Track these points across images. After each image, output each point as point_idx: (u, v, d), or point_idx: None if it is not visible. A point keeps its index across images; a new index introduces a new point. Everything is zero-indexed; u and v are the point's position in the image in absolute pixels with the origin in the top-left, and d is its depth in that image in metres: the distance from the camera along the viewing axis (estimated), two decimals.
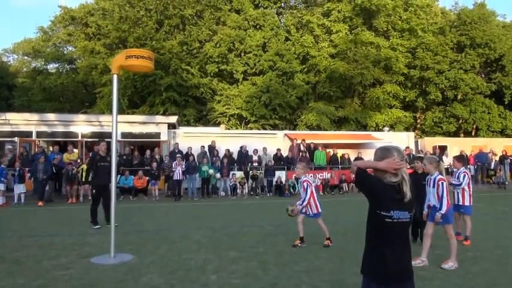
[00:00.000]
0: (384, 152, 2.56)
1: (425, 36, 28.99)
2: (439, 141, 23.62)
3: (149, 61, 5.97)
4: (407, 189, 2.45)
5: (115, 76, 6.03)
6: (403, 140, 21.02)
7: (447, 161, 19.89)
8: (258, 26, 28.81)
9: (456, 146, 21.85)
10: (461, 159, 7.47)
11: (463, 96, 29.60)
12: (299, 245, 6.81)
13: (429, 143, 22.66)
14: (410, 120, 29.74)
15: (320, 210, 7.01)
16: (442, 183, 5.64)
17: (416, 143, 22.94)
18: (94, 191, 8.95)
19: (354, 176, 2.57)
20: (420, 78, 29.39)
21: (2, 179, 12.82)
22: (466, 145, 21.43)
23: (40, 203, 12.52)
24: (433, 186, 5.74)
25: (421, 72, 28.95)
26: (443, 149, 21.61)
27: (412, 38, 29.13)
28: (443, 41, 29.43)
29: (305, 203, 6.87)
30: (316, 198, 7.01)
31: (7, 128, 17.33)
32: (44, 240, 7.36)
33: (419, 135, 28.84)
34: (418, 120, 31.59)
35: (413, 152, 19.36)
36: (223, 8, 29.18)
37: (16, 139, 16.96)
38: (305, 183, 6.89)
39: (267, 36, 28.15)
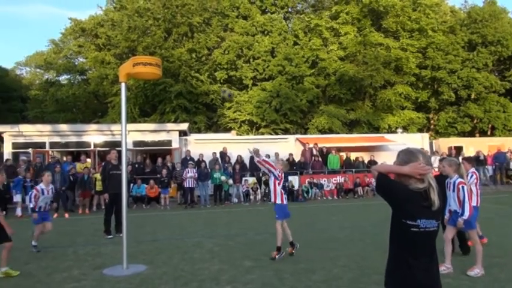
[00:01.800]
0: (408, 156, 2.35)
1: (436, 35, 28.61)
2: (454, 141, 23.17)
3: (157, 68, 5.88)
4: (435, 196, 2.25)
5: (123, 84, 5.96)
6: (417, 141, 20.64)
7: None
8: (265, 32, 28.80)
9: (472, 146, 21.38)
10: (471, 160, 7.12)
11: (476, 95, 29.09)
12: (275, 253, 6.32)
13: (444, 143, 22.23)
14: (423, 121, 29.31)
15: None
16: (463, 186, 5.34)
17: (430, 144, 22.53)
18: (106, 200, 8.89)
19: (374, 181, 2.38)
20: (432, 79, 28.98)
21: (18, 190, 12.85)
22: (483, 145, 20.96)
23: (55, 215, 12.39)
24: (453, 190, 5.47)
25: (433, 72, 28.54)
26: (459, 149, 21.16)
27: (422, 37, 28.78)
28: (454, 40, 29.02)
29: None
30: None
31: (21, 140, 17.48)
32: (56, 251, 7.29)
33: (433, 136, 28.37)
34: (432, 121, 31.12)
35: (429, 154, 18.96)
36: (231, 14, 29.25)
37: (30, 150, 17.10)
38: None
39: (275, 42, 28.10)
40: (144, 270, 5.75)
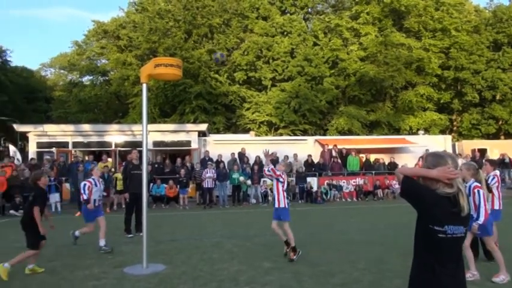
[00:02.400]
0: (437, 159, 2.28)
1: (459, 35, 27.99)
2: (478, 144, 22.58)
3: (177, 69, 5.93)
4: (464, 202, 2.18)
5: (144, 85, 6.03)
6: (440, 143, 20.21)
7: None
8: (285, 33, 28.74)
9: (496, 148, 20.80)
10: (494, 162, 6.89)
11: (501, 96, 28.30)
12: (292, 254, 6.28)
13: (467, 146, 21.69)
14: (445, 123, 28.70)
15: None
16: (478, 191, 5.16)
17: (453, 146, 22.01)
18: (127, 199, 9.01)
19: (396, 183, 2.32)
20: (455, 79, 28.35)
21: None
22: (508, 147, 20.33)
23: (78, 213, 12.62)
24: (469, 195, 5.29)
25: (456, 73, 27.91)
26: (483, 152, 20.61)
27: (445, 37, 28.20)
28: (479, 39, 28.31)
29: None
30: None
31: (45, 139, 17.94)
32: (78, 249, 7.43)
33: (456, 138, 27.73)
34: (455, 123, 30.43)
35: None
36: (250, 15, 29.31)
37: (54, 149, 17.54)
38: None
39: (294, 42, 28.01)
40: (163, 269, 5.79)
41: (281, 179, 6.52)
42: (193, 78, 26.65)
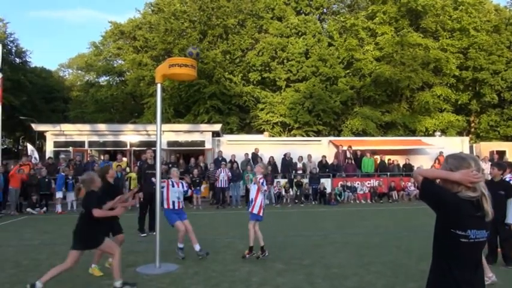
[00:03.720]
0: (459, 161, 2.19)
1: (478, 35, 27.43)
2: (497, 146, 22.10)
3: (192, 69, 5.94)
4: (488, 206, 2.10)
5: (159, 85, 6.06)
6: (457, 145, 19.84)
7: None
8: (300, 33, 28.62)
9: None
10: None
11: None
12: (247, 256, 6.35)
13: (485, 148, 21.24)
14: (463, 124, 28.16)
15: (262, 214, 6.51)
16: None
17: (471, 148, 21.58)
18: (141, 198, 9.08)
19: (418, 186, 2.25)
20: (473, 80, 27.79)
21: (60, 187, 13.40)
22: None
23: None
24: None
25: (474, 74, 27.37)
26: (501, 154, 20.16)
27: (464, 37, 27.67)
28: (499, 39, 27.71)
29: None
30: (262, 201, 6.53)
31: (62, 139, 18.25)
32: None
33: (473, 139, 27.18)
34: (472, 124, 29.84)
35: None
36: (265, 16, 29.28)
37: (70, 149, 17.82)
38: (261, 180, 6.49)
39: (309, 43, 27.86)
40: (175, 269, 5.81)
41: (263, 182, 6.51)
42: (207, 78, 26.76)
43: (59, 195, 13.27)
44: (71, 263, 4.86)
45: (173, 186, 6.79)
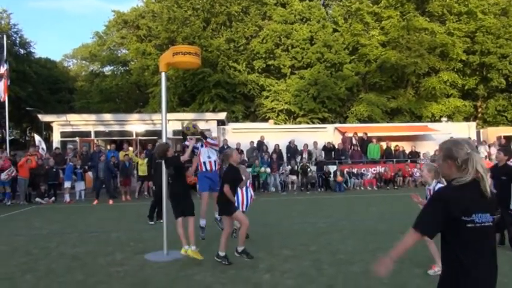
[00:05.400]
0: (454, 145, 2.17)
1: (486, 18, 26.91)
2: (504, 131, 21.84)
3: (196, 57, 5.92)
4: (486, 186, 2.07)
5: (163, 74, 6.05)
6: (464, 130, 19.71)
7: None
8: (304, 19, 28.30)
9: None
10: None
11: None
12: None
13: (492, 133, 21.05)
14: (470, 110, 27.86)
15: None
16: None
17: (478, 133, 21.41)
18: (154, 187, 9.11)
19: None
20: (480, 64, 27.38)
21: (69, 177, 13.50)
22: None
23: (95, 201, 12.89)
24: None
25: (482, 58, 26.94)
26: (509, 139, 19.96)
27: (471, 21, 27.17)
28: (507, 22, 27.18)
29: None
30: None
31: (68, 129, 18.36)
32: (101, 236, 7.61)
33: (480, 125, 26.91)
34: (479, 109, 29.50)
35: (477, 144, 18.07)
36: (269, 2, 28.94)
37: (77, 139, 17.94)
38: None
39: (313, 29, 27.55)
40: (183, 257, 5.86)
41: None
42: (212, 67, 26.64)
43: (67, 184, 13.40)
44: (244, 222, 5.53)
45: (202, 146, 6.87)
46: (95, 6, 75.19)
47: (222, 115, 19.14)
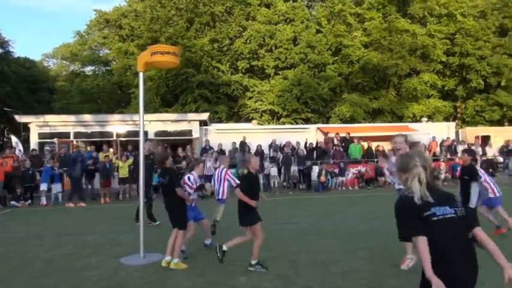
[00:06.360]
0: (407, 160, 2.45)
1: (465, 21, 27.46)
2: (482, 131, 22.32)
3: (175, 57, 5.84)
4: (422, 188, 2.34)
5: (141, 74, 5.95)
6: (443, 130, 20.05)
7: (491, 151, 18.80)
8: (288, 20, 28.38)
9: (500, 135, 20.56)
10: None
11: (507, 82, 27.85)
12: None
13: (471, 133, 21.45)
14: (450, 110, 28.37)
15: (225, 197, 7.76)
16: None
17: (457, 133, 21.82)
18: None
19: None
20: (460, 66, 27.94)
21: (45, 179, 13.17)
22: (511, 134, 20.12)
23: (71, 204, 12.62)
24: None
25: (461, 59, 27.50)
26: (486, 139, 20.41)
27: (451, 23, 27.69)
28: (485, 25, 27.81)
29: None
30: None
31: (47, 130, 17.95)
32: (78, 239, 7.44)
33: (460, 125, 27.44)
34: (459, 110, 30.08)
35: (455, 143, 18.42)
36: (253, 3, 28.92)
37: (55, 140, 17.56)
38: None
39: (297, 30, 27.65)
40: (161, 259, 5.74)
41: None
42: (195, 67, 26.48)
43: (43, 187, 13.07)
44: (260, 235, 5.30)
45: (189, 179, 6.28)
46: (76, 5, 74.02)
47: (205, 116, 19.01)
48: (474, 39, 27.36)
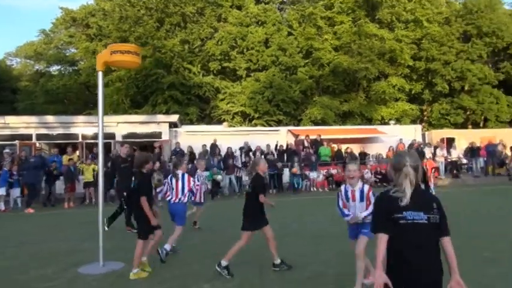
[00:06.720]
0: (398, 159, 2.55)
1: (431, 26, 28.33)
2: (447, 133, 23.07)
3: (136, 56, 5.62)
4: (409, 191, 2.41)
5: (100, 73, 5.69)
6: (410, 133, 20.54)
7: (455, 153, 19.40)
8: (259, 22, 28.39)
9: (464, 138, 21.30)
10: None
11: (470, 87, 28.94)
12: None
13: (437, 135, 22.14)
14: (416, 113, 29.16)
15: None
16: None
17: (423, 135, 22.44)
18: (125, 193, 8.41)
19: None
20: (426, 70, 28.79)
21: (3, 184, 12.53)
22: (475, 137, 20.88)
23: (30, 210, 11.98)
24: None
25: (427, 64, 28.34)
26: (451, 141, 21.08)
27: (417, 29, 28.50)
28: (449, 31, 28.79)
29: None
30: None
31: (7, 132, 17.16)
32: (35, 247, 7.06)
33: (426, 127, 28.25)
34: (425, 113, 30.99)
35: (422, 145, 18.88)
36: (224, 4, 28.77)
37: (16, 142, 16.79)
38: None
39: (269, 32, 27.70)
40: (121, 267, 5.52)
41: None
42: (165, 68, 26.04)
43: (1, 192, 12.44)
44: (244, 243, 5.16)
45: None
46: (42, 2, 71.46)
47: (174, 117, 18.69)
48: (439, 44, 28.26)
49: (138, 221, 5.37)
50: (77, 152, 17.13)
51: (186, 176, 6.39)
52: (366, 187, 4.63)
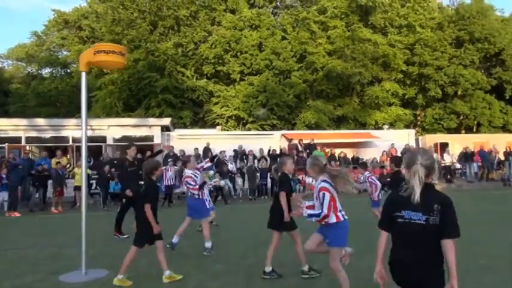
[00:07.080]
0: (411, 156, 2.58)
1: (424, 32, 28.45)
2: (441, 138, 23.09)
3: (121, 56, 5.43)
4: (417, 195, 2.42)
5: (83, 74, 5.51)
6: (404, 137, 20.51)
7: (448, 158, 19.38)
8: (253, 26, 28.34)
9: (458, 142, 21.32)
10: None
11: (463, 92, 29.07)
12: None
13: (430, 140, 22.13)
14: (410, 118, 29.22)
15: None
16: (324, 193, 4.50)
17: (417, 140, 22.43)
18: (124, 199, 8.20)
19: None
20: (419, 75, 28.88)
21: None
22: (468, 141, 20.89)
23: (15, 214, 11.81)
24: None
25: (420, 69, 28.43)
26: (444, 146, 21.09)
27: (410, 34, 28.62)
28: (442, 36, 28.92)
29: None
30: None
31: None
32: (16, 253, 6.83)
33: (419, 132, 28.29)
34: (418, 118, 31.06)
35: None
36: (218, 8, 28.70)
37: (5, 145, 16.49)
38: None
39: (263, 36, 27.64)
40: (105, 275, 5.32)
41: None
42: (159, 71, 25.87)
43: None
44: (276, 244, 5.25)
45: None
46: (34, 4, 71.02)
47: (167, 121, 18.50)
48: (432, 49, 28.37)
49: (138, 227, 5.14)
50: (67, 156, 16.87)
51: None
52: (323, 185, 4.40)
